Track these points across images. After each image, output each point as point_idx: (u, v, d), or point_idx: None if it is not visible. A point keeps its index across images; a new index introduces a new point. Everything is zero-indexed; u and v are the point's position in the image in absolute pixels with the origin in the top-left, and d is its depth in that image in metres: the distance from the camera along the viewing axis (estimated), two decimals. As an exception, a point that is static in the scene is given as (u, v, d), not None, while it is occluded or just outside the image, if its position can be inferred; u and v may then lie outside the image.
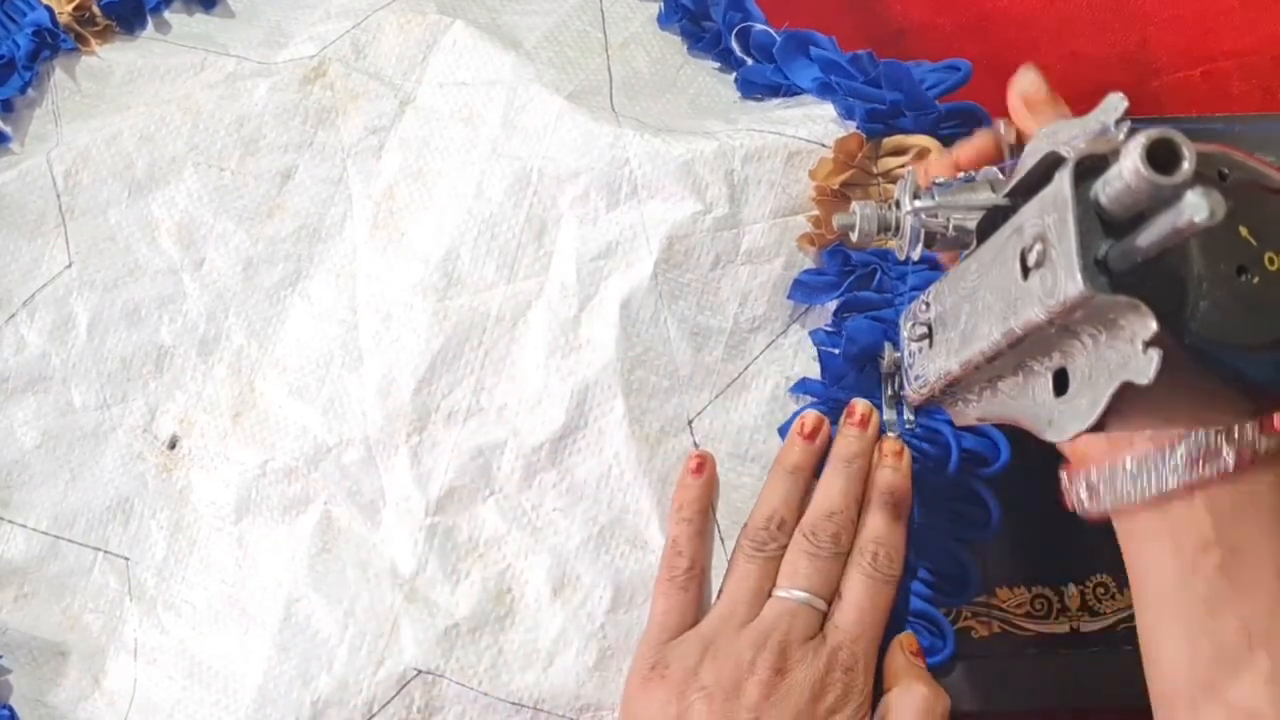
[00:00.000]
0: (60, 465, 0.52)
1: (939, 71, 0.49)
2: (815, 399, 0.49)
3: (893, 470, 0.46)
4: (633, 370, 0.49)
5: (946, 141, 0.48)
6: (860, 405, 0.47)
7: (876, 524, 0.45)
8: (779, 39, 0.53)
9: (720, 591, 0.47)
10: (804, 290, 0.50)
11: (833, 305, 0.50)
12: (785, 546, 0.46)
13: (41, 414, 0.52)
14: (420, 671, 0.47)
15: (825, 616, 0.44)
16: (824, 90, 0.51)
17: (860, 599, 0.44)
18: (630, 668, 0.46)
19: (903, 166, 0.48)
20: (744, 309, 0.50)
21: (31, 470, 0.52)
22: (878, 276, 0.49)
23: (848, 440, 0.47)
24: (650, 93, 0.55)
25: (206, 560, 0.50)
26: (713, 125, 0.52)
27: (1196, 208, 0.24)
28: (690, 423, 0.50)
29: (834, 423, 0.48)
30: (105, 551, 0.51)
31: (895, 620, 0.46)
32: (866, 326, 0.48)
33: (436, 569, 0.48)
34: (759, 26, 0.54)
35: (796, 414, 0.49)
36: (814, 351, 0.50)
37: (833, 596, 0.45)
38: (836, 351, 0.49)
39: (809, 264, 0.50)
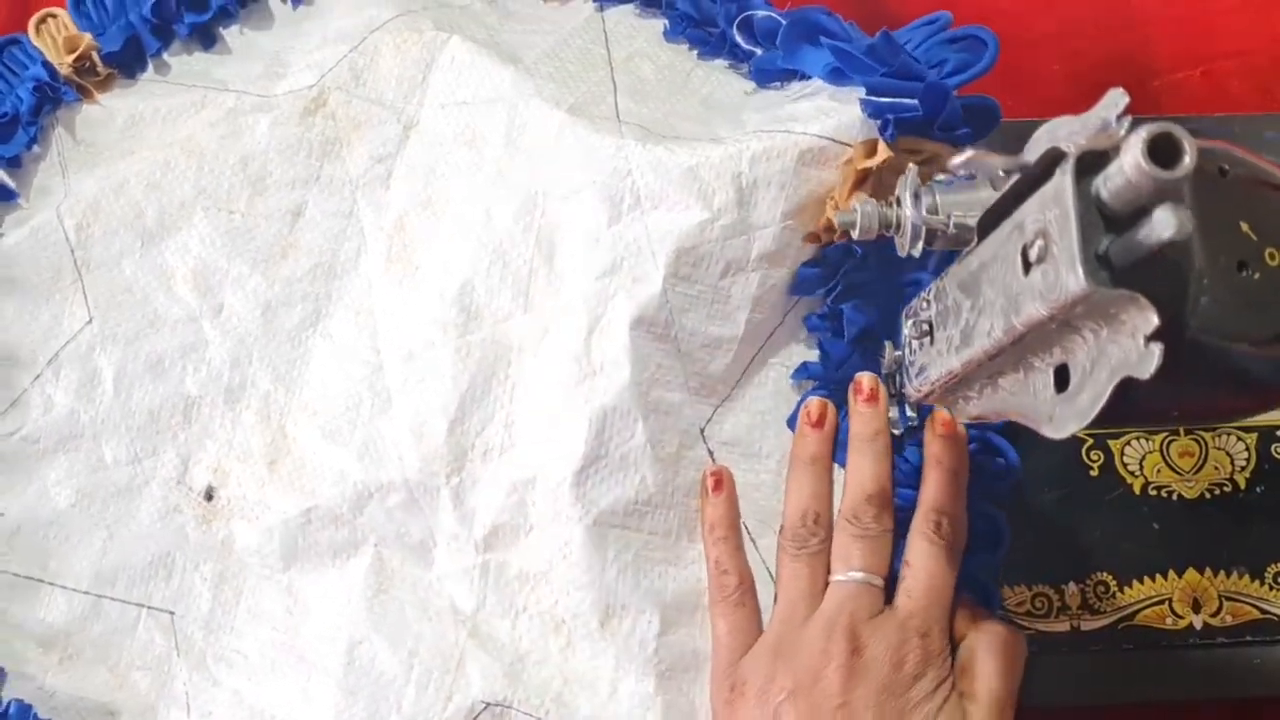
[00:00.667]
0: (96, 523, 0.51)
1: (961, 53, 0.47)
2: (817, 382, 0.49)
3: (946, 439, 0.45)
4: (649, 391, 0.48)
5: (961, 142, 0.47)
6: (866, 380, 0.47)
7: (936, 494, 0.45)
8: (784, 23, 0.50)
9: (775, 597, 0.46)
10: (804, 284, 0.50)
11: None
12: (826, 540, 0.45)
13: (74, 473, 0.52)
14: (489, 704, 0.47)
15: (884, 593, 0.44)
16: (837, 76, 0.49)
17: (930, 566, 0.43)
18: (710, 695, 0.46)
19: (912, 162, 0.47)
20: (754, 315, 0.49)
21: (68, 530, 0.51)
22: (869, 259, 0.49)
23: (864, 418, 0.46)
24: (660, 96, 0.53)
25: (254, 610, 0.50)
26: (721, 129, 0.50)
27: (1165, 224, 0.25)
28: (702, 431, 0.49)
29: (839, 405, 0.48)
30: (149, 607, 0.51)
31: None
32: (862, 307, 0.48)
33: (495, 605, 0.48)
34: (761, 13, 0.52)
35: (801, 402, 0.49)
36: (809, 339, 0.50)
37: (888, 573, 0.44)
38: (830, 335, 0.49)
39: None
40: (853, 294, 0.49)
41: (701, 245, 0.48)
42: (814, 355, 0.50)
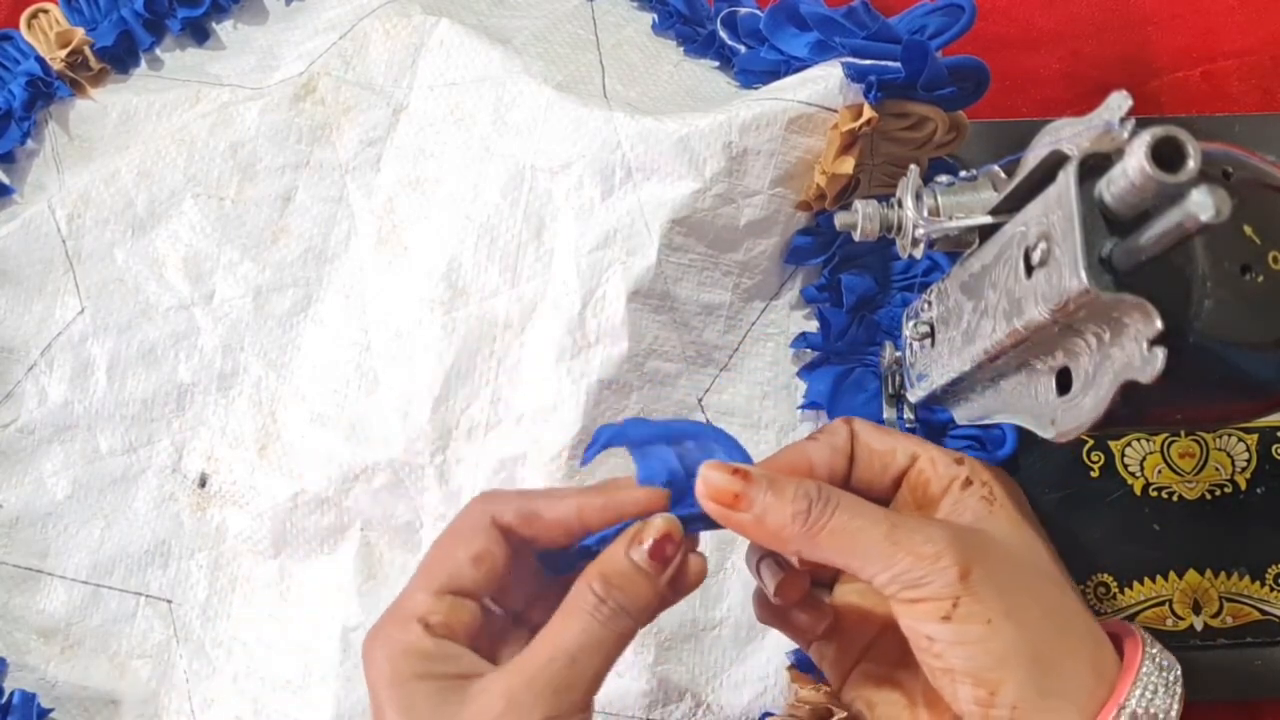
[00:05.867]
0: (93, 513, 0.52)
1: (939, 15, 0.46)
2: (816, 351, 0.50)
3: None
4: (645, 362, 0.48)
5: (948, 102, 0.46)
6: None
7: None
8: (764, 15, 0.50)
9: None
10: (799, 253, 0.50)
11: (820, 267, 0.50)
12: None
13: (70, 463, 0.52)
14: None
15: None
16: (821, 51, 0.49)
17: None
18: None
19: (904, 130, 0.47)
20: (742, 280, 0.49)
21: (65, 520, 0.51)
22: None
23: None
24: (647, 81, 0.53)
25: (250, 597, 0.50)
26: (710, 107, 0.50)
27: (1203, 206, 0.24)
28: (700, 401, 0.49)
29: (840, 379, 0.49)
30: (146, 596, 0.51)
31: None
32: (860, 277, 0.49)
33: None
34: (744, 10, 0.52)
35: (803, 374, 0.49)
36: (806, 310, 0.51)
37: None
38: (829, 305, 0.49)
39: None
40: (850, 264, 0.49)
41: (694, 214, 0.48)
42: (813, 326, 0.50)
